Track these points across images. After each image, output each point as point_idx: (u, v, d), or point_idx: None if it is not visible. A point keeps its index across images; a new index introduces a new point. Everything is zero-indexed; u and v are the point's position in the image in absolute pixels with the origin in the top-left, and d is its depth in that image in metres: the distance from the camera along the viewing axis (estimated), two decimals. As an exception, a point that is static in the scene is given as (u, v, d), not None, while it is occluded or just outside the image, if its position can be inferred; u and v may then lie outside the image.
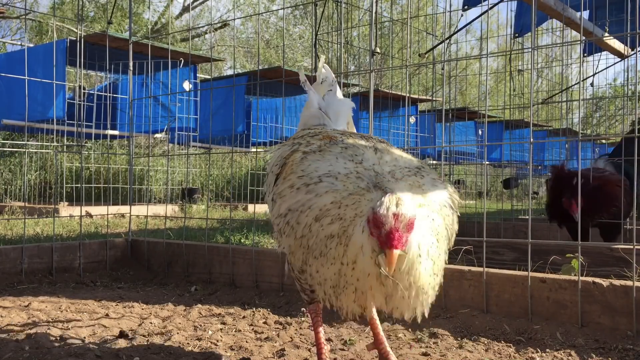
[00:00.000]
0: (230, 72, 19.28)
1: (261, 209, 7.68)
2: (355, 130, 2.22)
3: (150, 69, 6.76)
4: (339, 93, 2.16)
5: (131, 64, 4.12)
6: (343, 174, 1.46)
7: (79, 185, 7.79)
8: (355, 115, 8.55)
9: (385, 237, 1.30)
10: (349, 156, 1.54)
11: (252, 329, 2.38)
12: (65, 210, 7.38)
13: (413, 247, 1.33)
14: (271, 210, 1.69)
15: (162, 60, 7.29)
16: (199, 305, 2.76)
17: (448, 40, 5.99)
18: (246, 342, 2.17)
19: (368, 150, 1.57)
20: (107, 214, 4.43)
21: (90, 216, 6.76)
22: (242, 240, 4.64)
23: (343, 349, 2.10)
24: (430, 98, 9.67)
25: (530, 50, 6.87)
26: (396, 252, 1.29)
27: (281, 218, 1.55)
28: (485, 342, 2.18)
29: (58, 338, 2.14)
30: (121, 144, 11.78)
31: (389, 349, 1.81)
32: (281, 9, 17.50)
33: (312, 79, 2.45)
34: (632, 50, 5.65)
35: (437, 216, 1.43)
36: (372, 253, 1.33)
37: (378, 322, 1.83)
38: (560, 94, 8.12)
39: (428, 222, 1.40)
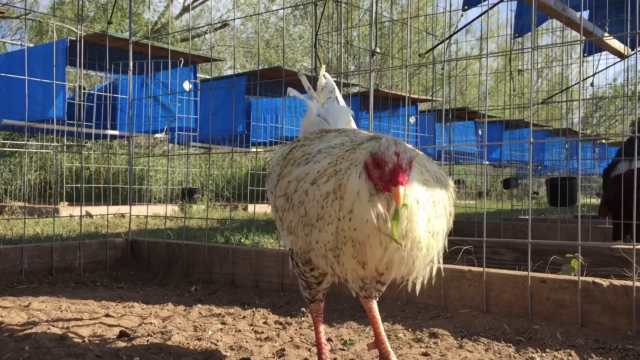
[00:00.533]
0: (230, 72, 19.29)
1: (261, 209, 7.68)
2: None
3: (150, 69, 6.77)
4: (340, 99, 2.18)
5: (131, 64, 4.12)
6: (339, 143, 1.54)
7: (79, 185, 7.80)
8: (355, 115, 8.53)
9: (389, 174, 1.30)
10: (345, 135, 1.63)
11: (252, 329, 2.38)
12: (65, 210, 7.38)
13: (410, 201, 1.33)
14: (273, 202, 1.70)
15: (162, 60, 7.29)
16: (199, 305, 2.76)
17: (448, 40, 5.99)
18: (246, 342, 2.17)
19: (364, 132, 1.66)
20: (107, 214, 4.43)
21: (90, 216, 6.76)
22: (242, 240, 4.64)
23: (343, 349, 2.10)
24: (430, 98, 9.67)
25: (530, 50, 6.87)
26: (402, 189, 1.29)
27: (282, 197, 1.57)
28: (485, 342, 2.18)
29: (58, 338, 2.14)
30: (121, 144, 11.78)
31: (390, 349, 1.81)
32: (281, 9, 17.50)
33: (311, 80, 2.46)
34: (632, 50, 5.65)
35: (431, 179, 1.44)
36: (369, 197, 1.33)
37: (380, 321, 1.83)
38: (560, 94, 8.12)
39: (422, 177, 1.41)
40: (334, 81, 2.25)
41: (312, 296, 1.78)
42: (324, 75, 2.19)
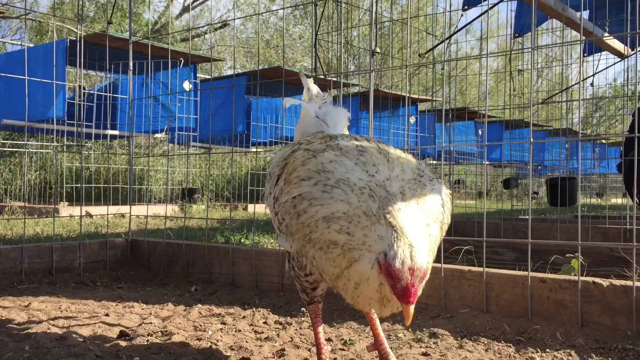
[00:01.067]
0: (230, 72, 19.29)
1: (261, 209, 7.68)
2: None
3: (150, 69, 6.77)
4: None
5: (131, 64, 4.12)
6: (358, 186, 1.44)
7: (79, 185, 7.80)
8: (355, 115, 8.55)
9: (401, 291, 1.32)
10: (363, 165, 1.51)
11: (252, 329, 2.38)
12: (65, 210, 7.38)
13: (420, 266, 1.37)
14: (272, 203, 1.69)
15: (162, 60, 7.29)
16: (199, 305, 2.76)
17: (448, 40, 5.99)
18: (246, 342, 2.17)
19: (382, 160, 1.54)
20: (107, 214, 4.43)
21: (90, 216, 6.76)
22: (242, 240, 4.64)
23: (343, 349, 2.10)
24: (430, 98, 9.67)
25: (530, 50, 6.87)
26: (412, 307, 1.33)
27: (289, 200, 1.55)
28: (485, 342, 2.18)
29: (58, 338, 2.14)
30: (121, 144, 11.78)
31: (389, 349, 1.81)
32: (281, 9, 17.49)
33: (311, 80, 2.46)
34: (632, 50, 5.65)
35: (436, 228, 1.46)
36: (378, 287, 1.36)
37: (378, 322, 1.83)
38: (560, 94, 8.12)
39: (430, 239, 1.42)
40: (334, 81, 2.26)
41: (309, 298, 1.78)
42: (313, 86, 2.20)
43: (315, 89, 2.18)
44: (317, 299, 1.79)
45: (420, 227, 1.39)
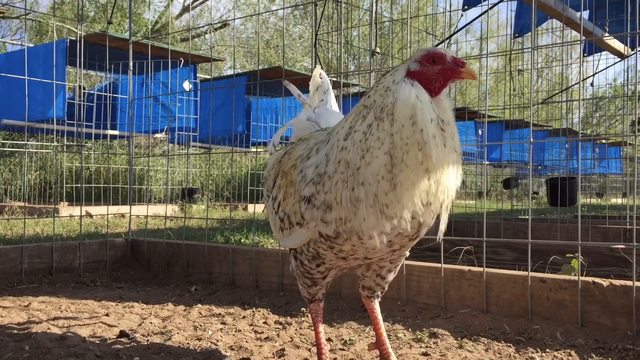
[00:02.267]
0: (230, 72, 19.29)
1: (261, 208, 7.68)
2: None
3: (150, 69, 6.77)
4: (333, 101, 2.15)
5: (131, 64, 4.12)
6: (350, 120, 1.50)
7: (79, 185, 7.80)
8: (355, 115, 8.55)
9: (452, 61, 1.41)
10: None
11: (252, 329, 2.38)
12: (65, 210, 7.38)
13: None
14: (274, 197, 1.69)
15: (162, 60, 7.29)
16: (199, 305, 2.76)
17: (448, 40, 5.99)
18: (246, 342, 2.17)
19: None
20: (107, 214, 4.43)
21: (90, 216, 6.76)
22: (242, 240, 4.64)
23: (343, 349, 2.10)
24: (430, 98, 9.65)
25: (530, 50, 6.87)
26: (465, 68, 1.42)
27: (291, 180, 1.57)
28: (485, 342, 2.18)
29: (58, 338, 2.14)
30: (121, 144, 11.78)
31: (390, 350, 1.81)
32: (281, 9, 17.49)
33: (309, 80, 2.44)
34: (632, 50, 5.65)
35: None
36: (430, 99, 1.40)
37: (381, 322, 1.82)
38: (560, 94, 8.12)
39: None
40: (334, 81, 2.24)
41: (312, 296, 1.77)
42: (319, 75, 2.17)
43: (318, 80, 2.13)
44: (320, 296, 1.78)
45: None
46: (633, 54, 5.73)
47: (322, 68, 2.24)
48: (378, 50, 3.71)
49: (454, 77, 1.42)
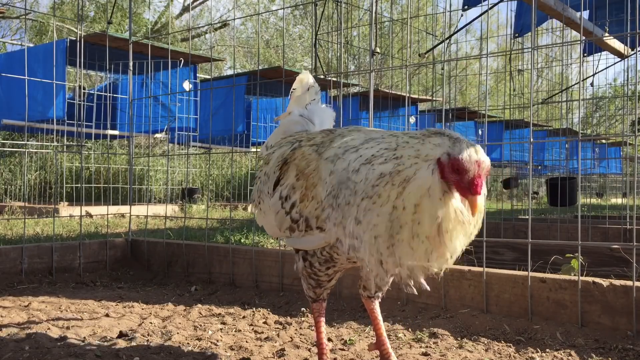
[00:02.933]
0: (230, 72, 19.29)
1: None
2: None
3: (150, 69, 6.76)
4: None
5: (131, 64, 4.12)
6: (383, 136, 1.50)
7: (79, 185, 7.80)
8: (355, 115, 8.56)
9: (469, 183, 1.31)
10: (382, 133, 1.56)
11: (252, 329, 2.38)
12: (65, 210, 7.38)
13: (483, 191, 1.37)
14: (283, 196, 1.67)
15: (162, 60, 7.29)
16: (199, 305, 2.76)
17: (448, 40, 5.99)
18: (246, 342, 2.17)
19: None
20: (107, 214, 4.43)
21: (90, 216, 6.76)
22: (242, 240, 4.64)
23: (343, 349, 2.10)
24: (430, 98, 9.67)
25: (530, 50, 6.87)
26: (480, 198, 1.33)
27: (314, 183, 1.54)
28: (485, 342, 2.18)
29: (58, 338, 2.14)
30: (121, 144, 11.78)
31: (391, 350, 1.81)
32: (281, 9, 17.49)
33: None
34: (632, 50, 5.65)
35: None
36: (442, 195, 1.33)
37: (382, 322, 1.82)
38: (560, 94, 8.12)
39: None
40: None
41: (317, 295, 1.77)
42: (308, 78, 2.16)
43: (311, 80, 2.13)
44: (324, 296, 1.78)
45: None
46: (633, 54, 5.73)
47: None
48: (378, 50, 3.71)
49: (462, 196, 1.35)
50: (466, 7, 5.76)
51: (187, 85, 7.76)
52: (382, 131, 1.61)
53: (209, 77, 10.31)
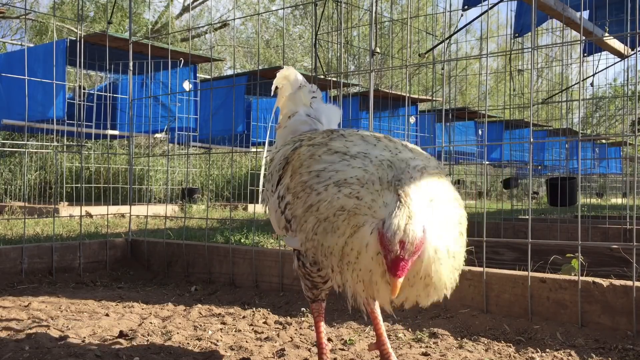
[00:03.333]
0: (230, 72, 19.29)
1: (261, 208, 7.67)
2: None
3: (150, 69, 6.77)
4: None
5: (131, 64, 4.12)
6: (378, 159, 1.45)
7: (79, 185, 7.80)
8: (355, 115, 8.55)
9: (390, 263, 1.28)
10: (385, 147, 1.54)
11: (252, 329, 2.38)
12: (65, 210, 7.38)
13: (429, 253, 1.31)
14: (280, 196, 1.67)
15: (162, 60, 7.29)
16: (199, 305, 2.76)
17: (448, 40, 5.99)
18: (246, 342, 2.17)
19: (402, 146, 1.57)
20: (107, 214, 4.43)
21: (90, 216, 6.76)
22: (242, 240, 4.64)
23: (343, 349, 2.10)
24: (430, 98, 9.67)
25: (530, 50, 6.87)
26: (399, 280, 1.28)
27: (299, 184, 1.54)
28: (485, 342, 2.18)
29: (58, 338, 2.14)
30: (121, 144, 11.78)
31: (391, 350, 1.81)
32: (281, 9, 17.50)
33: (310, 80, 2.43)
34: (632, 50, 5.65)
35: (462, 210, 1.46)
36: (375, 255, 1.32)
37: (382, 322, 1.82)
38: (560, 94, 8.12)
39: (454, 216, 1.40)
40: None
41: (315, 296, 1.77)
42: (295, 74, 2.12)
43: (300, 78, 2.11)
44: (323, 296, 1.78)
45: (426, 200, 1.35)
46: (633, 54, 5.73)
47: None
48: (378, 50, 3.71)
49: (387, 270, 1.31)
50: (466, 7, 5.76)
51: (187, 85, 7.76)
52: (379, 140, 1.58)
53: (209, 77, 10.31)
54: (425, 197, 1.36)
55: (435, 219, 1.34)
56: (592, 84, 7.71)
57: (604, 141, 12.78)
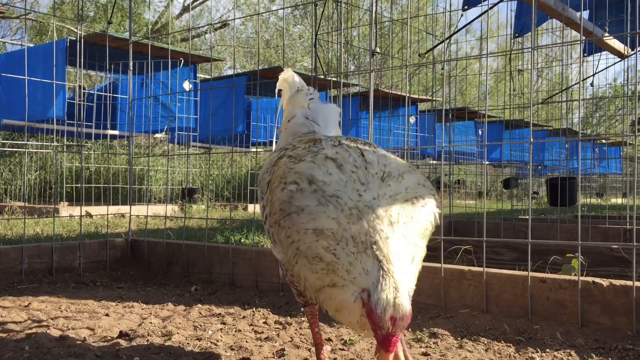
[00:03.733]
0: (230, 72, 19.29)
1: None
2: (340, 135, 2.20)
3: (150, 69, 6.77)
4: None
5: (131, 64, 4.12)
6: (348, 206, 1.36)
7: (79, 185, 7.80)
8: (355, 115, 8.55)
9: (381, 338, 1.25)
10: (354, 182, 1.42)
11: (252, 329, 2.38)
12: (65, 210, 7.38)
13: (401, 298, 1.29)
14: (263, 210, 1.67)
15: (162, 60, 7.29)
16: (199, 305, 2.76)
17: (448, 40, 5.99)
18: (246, 342, 2.17)
19: (371, 174, 1.45)
20: (107, 214, 4.43)
21: (90, 216, 6.76)
22: (242, 240, 4.64)
23: (343, 349, 2.10)
24: (430, 98, 9.67)
25: (530, 50, 6.87)
26: (390, 356, 1.26)
27: (279, 210, 1.49)
28: (485, 342, 2.18)
29: (58, 338, 2.14)
30: (121, 144, 11.78)
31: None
32: (281, 9, 17.49)
33: (311, 80, 2.43)
34: (632, 50, 5.65)
35: (423, 243, 1.42)
36: (359, 318, 1.30)
37: None
38: (560, 94, 8.13)
39: (416, 263, 1.38)
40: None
41: (304, 301, 1.76)
42: (293, 76, 2.11)
43: (297, 78, 2.10)
44: (313, 301, 1.77)
45: (407, 260, 1.32)
46: (633, 54, 5.73)
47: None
48: (378, 50, 3.71)
49: (377, 343, 1.29)
50: (466, 7, 5.76)
51: (187, 85, 7.76)
52: (351, 165, 1.46)
53: (209, 77, 10.31)
54: (406, 258, 1.32)
55: (410, 276, 1.32)
56: (592, 84, 7.71)
57: (604, 141, 12.78)
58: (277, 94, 2.21)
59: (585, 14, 5.79)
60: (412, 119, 9.05)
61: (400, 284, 1.25)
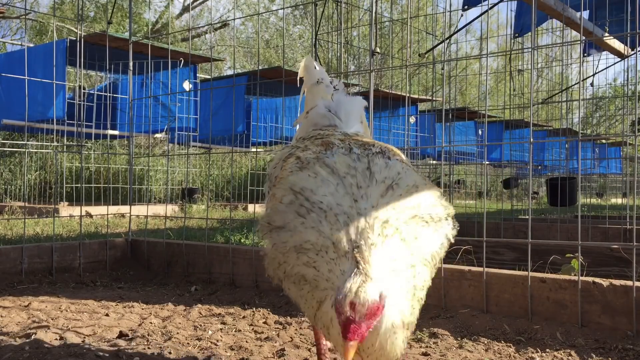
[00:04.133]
0: (230, 72, 19.29)
1: (261, 209, 7.68)
2: (369, 131, 2.14)
3: (150, 69, 6.77)
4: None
5: (131, 64, 4.12)
6: (334, 212, 1.29)
7: (79, 185, 7.80)
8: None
9: (341, 325, 1.18)
10: (350, 186, 1.34)
11: (252, 329, 2.38)
12: (65, 210, 7.38)
13: (386, 326, 1.22)
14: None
15: (162, 60, 7.29)
16: (199, 305, 2.76)
17: (448, 40, 5.99)
18: (246, 342, 2.17)
19: (377, 183, 1.36)
20: (107, 214, 4.43)
21: (90, 216, 6.76)
22: (242, 240, 4.64)
23: (343, 349, 2.10)
24: (430, 98, 9.68)
25: (530, 50, 6.87)
26: (351, 344, 1.18)
27: (264, 223, 1.46)
28: (485, 342, 2.18)
29: (58, 338, 2.14)
30: (121, 144, 11.78)
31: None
32: (281, 9, 17.50)
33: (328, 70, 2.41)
34: (632, 50, 5.65)
35: (425, 270, 1.33)
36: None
37: None
38: (560, 94, 8.13)
39: (410, 284, 1.28)
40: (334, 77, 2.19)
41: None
42: (315, 66, 2.05)
43: (318, 72, 2.03)
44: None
45: (392, 266, 1.24)
46: (633, 54, 5.73)
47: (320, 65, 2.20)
48: (378, 50, 3.71)
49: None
50: (466, 7, 5.76)
51: (187, 85, 7.76)
52: (362, 178, 1.37)
53: (209, 77, 10.31)
54: (387, 263, 1.23)
55: (397, 289, 1.24)
56: (592, 84, 7.72)
57: (604, 141, 12.79)
58: (299, 82, 2.16)
59: (585, 14, 5.79)
60: (412, 119, 9.06)
61: (371, 279, 1.18)
